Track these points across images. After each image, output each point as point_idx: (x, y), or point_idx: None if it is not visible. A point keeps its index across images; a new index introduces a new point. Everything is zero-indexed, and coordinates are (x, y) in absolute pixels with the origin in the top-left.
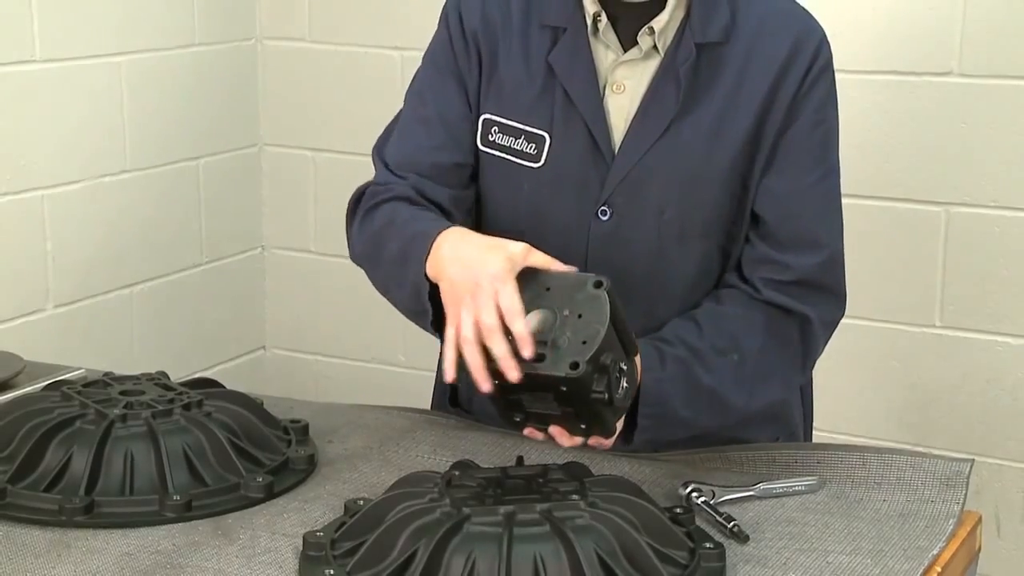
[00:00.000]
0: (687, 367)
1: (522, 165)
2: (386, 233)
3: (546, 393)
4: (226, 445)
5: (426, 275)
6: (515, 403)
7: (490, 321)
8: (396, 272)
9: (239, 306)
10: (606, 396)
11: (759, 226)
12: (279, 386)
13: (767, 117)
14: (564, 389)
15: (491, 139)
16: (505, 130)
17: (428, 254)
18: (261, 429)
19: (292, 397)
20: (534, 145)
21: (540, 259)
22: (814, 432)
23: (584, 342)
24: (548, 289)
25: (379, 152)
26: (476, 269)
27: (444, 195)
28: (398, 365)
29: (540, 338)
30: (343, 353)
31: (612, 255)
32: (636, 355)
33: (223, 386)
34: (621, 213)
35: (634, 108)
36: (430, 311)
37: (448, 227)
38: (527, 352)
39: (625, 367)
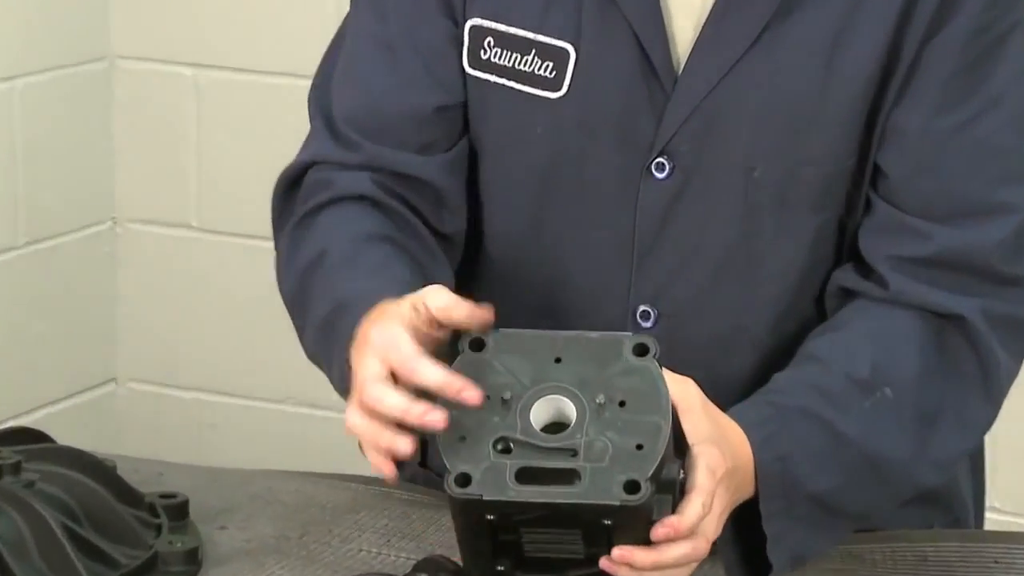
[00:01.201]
0: (819, 419)
1: (533, 95)
2: (312, 280)
3: (569, 531)
4: (58, 533)
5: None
6: (506, 545)
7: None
8: (322, 346)
9: (79, 314)
10: None
11: (883, 182)
12: (140, 440)
13: (909, 20)
14: (608, 523)
15: (484, 57)
16: (506, 42)
17: (353, 338)
18: (113, 508)
19: (162, 458)
20: (551, 64)
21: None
22: (988, 514)
23: (639, 447)
24: (559, 360)
25: (318, 100)
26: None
27: (431, 169)
28: (327, 407)
29: (562, 443)
30: (240, 388)
31: (673, 236)
32: (688, 451)
33: (53, 440)
34: (688, 169)
35: (708, 5)
36: None
37: (384, 295)
38: (438, 420)
39: (683, 476)
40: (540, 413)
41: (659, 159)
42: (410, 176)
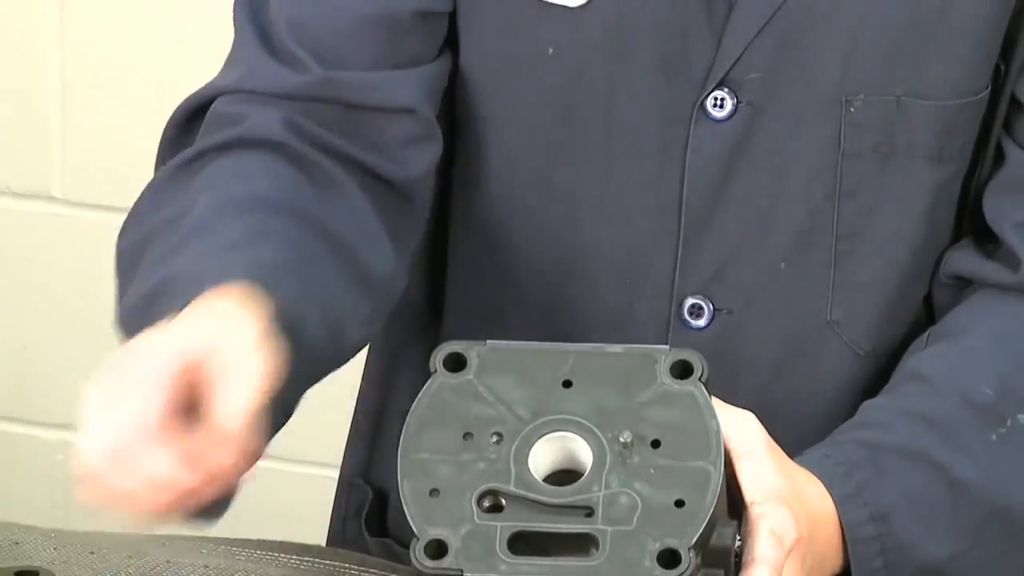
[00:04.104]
0: (928, 462)
1: (544, 2)
2: (154, 245)
3: None
4: None
5: None
6: None
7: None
8: (133, 329)
9: None
10: None
11: (1021, 122)
12: None
13: None
14: None
15: None
16: None
17: None
18: None
19: (15, 520)
20: None
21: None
22: None
23: (679, 503)
24: (568, 384)
25: (249, 4)
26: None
27: (404, 88)
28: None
29: (573, 499)
30: None
31: (737, 198)
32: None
33: None
34: (758, 104)
35: None
36: None
37: (221, 278)
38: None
39: (740, 544)
40: (543, 457)
41: (718, 92)
42: (373, 108)
